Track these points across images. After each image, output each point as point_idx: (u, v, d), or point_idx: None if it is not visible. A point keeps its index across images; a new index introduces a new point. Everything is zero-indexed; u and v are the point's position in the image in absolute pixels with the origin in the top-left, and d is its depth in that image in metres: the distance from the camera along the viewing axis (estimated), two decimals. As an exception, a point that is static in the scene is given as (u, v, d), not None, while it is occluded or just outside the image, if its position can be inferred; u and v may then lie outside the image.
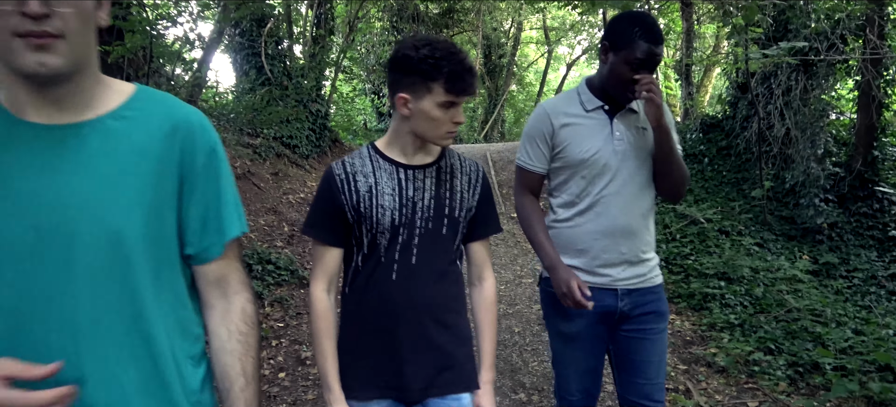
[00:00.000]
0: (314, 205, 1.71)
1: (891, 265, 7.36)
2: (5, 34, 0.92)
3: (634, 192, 2.09)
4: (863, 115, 7.64)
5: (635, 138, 2.09)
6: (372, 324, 1.69)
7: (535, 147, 2.16)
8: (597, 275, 2.10)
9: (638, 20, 2.02)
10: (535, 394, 3.93)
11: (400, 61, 1.61)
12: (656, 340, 2.16)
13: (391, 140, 1.72)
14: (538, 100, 25.79)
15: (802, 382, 4.34)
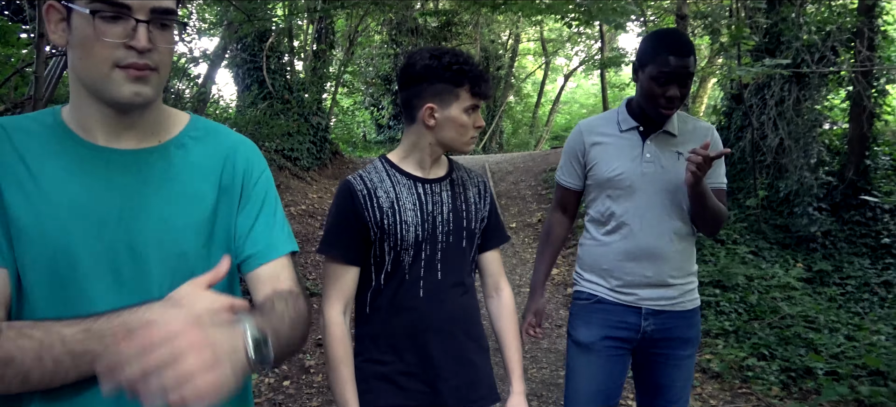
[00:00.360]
0: (333, 222, 1.63)
1: (883, 272, 7.48)
2: (107, 65, 0.98)
3: (661, 215, 2.05)
4: (854, 125, 7.78)
5: (668, 161, 2.05)
6: (402, 344, 1.64)
7: (568, 164, 2.20)
8: (621, 293, 2.09)
9: (663, 34, 2.04)
10: (534, 400, 4.04)
11: (422, 71, 1.59)
12: (681, 364, 2.13)
13: (407, 153, 1.69)
14: (536, 111, 25.97)
15: (795, 387, 4.45)
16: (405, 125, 1.70)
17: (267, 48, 9.09)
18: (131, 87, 1.00)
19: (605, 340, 2.09)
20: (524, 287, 6.09)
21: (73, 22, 0.98)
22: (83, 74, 1.01)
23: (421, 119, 1.61)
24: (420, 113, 1.61)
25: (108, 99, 1.01)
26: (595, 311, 2.12)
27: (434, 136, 1.63)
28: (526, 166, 11.39)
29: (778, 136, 7.82)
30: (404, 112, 1.67)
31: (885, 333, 5.93)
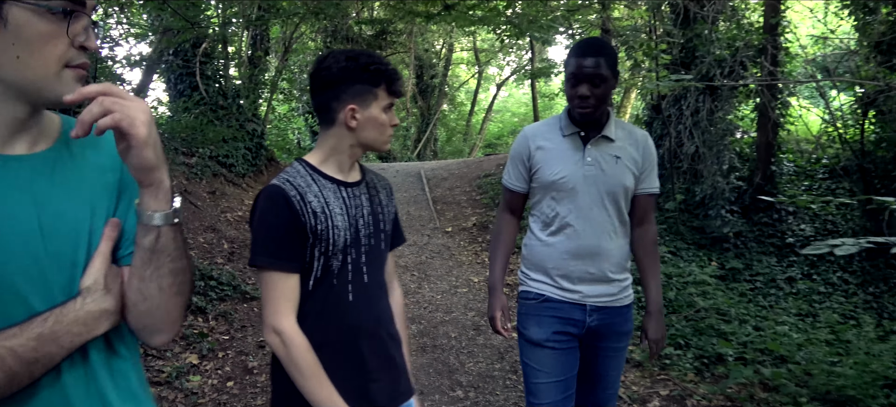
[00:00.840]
0: (271, 230, 1.54)
1: (788, 269, 8.13)
2: (58, 64, 0.94)
3: (602, 215, 2.17)
4: (761, 134, 8.44)
5: (607, 164, 2.16)
6: (334, 348, 1.60)
7: (515, 167, 2.30)
8: (567, 291, 2.20)
9: (577, 42, 2.22)
10: (471, 391, 4.27)
11: (341, 74, 1.59)
12: (616, 356, 2.28)
13: (327, 156, 1.66)
14: (469, 119, 26.43)
15: (708, 372, 4.86)
16: (322, 129, 1.67)
17: (201, 54, 9.02)
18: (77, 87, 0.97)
19: (555, 335, 2.19)
20: (461, 288, 6.33)
21: (12, 17, 0.90)
22: (20, 74, 0.93)
23: (342, 121, 1.61)
24: (341, 115, 1.60)
25: (51, 99, 0.97)
26: (544, 309, 2.22)
27: (355, 137, 1.63)
28: (460, 173, 11.68)
29: (693, 144, 8.38)
30: (321, 116, 1.65)
31: (788, 323, 6.50)
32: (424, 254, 7.39)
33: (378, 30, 16.17)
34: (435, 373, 4.51)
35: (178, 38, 5.33)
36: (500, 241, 2.37)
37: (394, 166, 13.20)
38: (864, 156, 8.55)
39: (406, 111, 21.60)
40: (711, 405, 4.32)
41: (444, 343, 5.03)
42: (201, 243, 6.78)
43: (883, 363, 5.09)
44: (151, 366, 4.22)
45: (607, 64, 2.09)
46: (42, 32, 0.92)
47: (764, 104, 7.98)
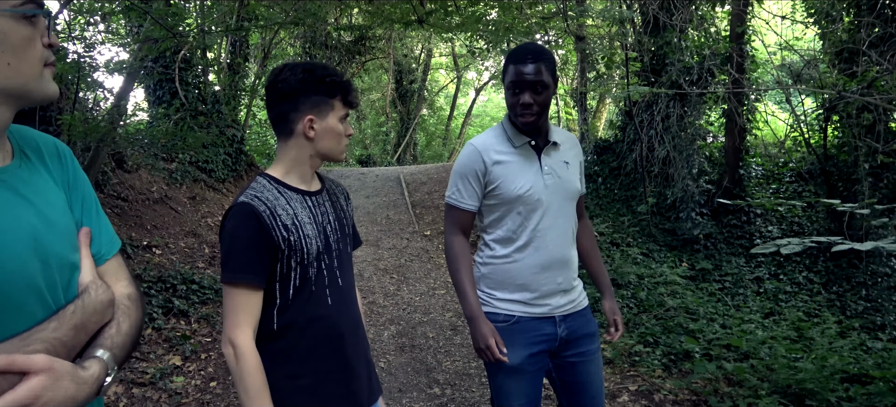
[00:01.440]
0: (241, 247, 1.57)
1: (755, 270, 8.41)
2: (40, 64, 1.00)
3: (564, 224, 2.15)
4: (729, 139, 8.72)
5: (561, 171, 2.16)
6: (318, 352, 1.65)
7: (467, 185, 2.14)
8: (537, 306, 2.14)
9: (513, 49, 2.13)
10: (448, 388, 4.42)
11: (298, 86, 1.63)
12: (594, 359, 2.22)
13: (289, 168, 1.70)
14: (448, 124, 26.61)
15: (675, 368, 5.06)
16: (280, 141, 1.70)
17: (180, 60, 9.08)
18: (55, 85, 1.04)
19: (528, 358, 2.13)
20: (439, 290, 6.49)
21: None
22: (8, 79, 0.97)
23: (301, 132, 1.65)
24: (299, 125, 1.64)
25: (39, 98, 1.03)
26: (515, 332, 2.12)
27: (314, 148, 1.68)
28: (439, 177, 11.84)
29: (664, 149, 8.63)
30: (278, 127, 1.68)
31: (754, 321, 6.75)
32: (404, 257, 7.54)
33: (357, 36, 16.28)
34: (413, 372, 4.65)
35: (160, 46, 5.42)
36: (462, 264, 2.16)
37: (374, 171, 13.33)
38: (827, 160, 8.87)
39: (386, 116, 21.72)
40: (678, 399, 4.51)
41: (422, 343, 5.18)
42: (182, 248, 6.86)
43: (842, 358, 5.35)
44: (135, 367, 4.31)
45: (548, 69, 2.04)
46: (24, 37, 0.97)
47: (731, 110, 8.26)
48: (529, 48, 2.08)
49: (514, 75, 2.04)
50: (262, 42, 12.33)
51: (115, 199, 7.03)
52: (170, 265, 6.12)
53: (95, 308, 1.07)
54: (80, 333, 1.03)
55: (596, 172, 10.33)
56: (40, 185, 1.07)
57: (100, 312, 1.08)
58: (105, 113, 5.98)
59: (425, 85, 23.65)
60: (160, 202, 7.84)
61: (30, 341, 0.95)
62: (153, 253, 6.29)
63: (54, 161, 1.13)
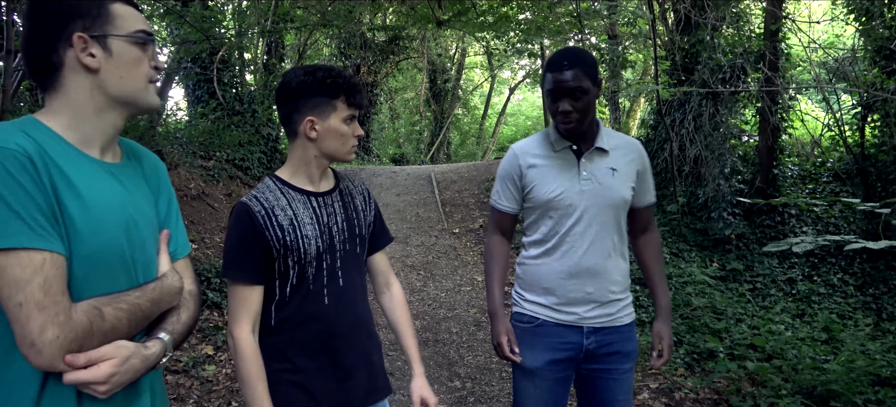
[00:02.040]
0: (234, 246, 1.66)
1: (788, 271, 8.28)
2: (145, 80, 1.30)
3: (601, 232, 2.07)
4: (763, 138, 8.59)
5: (604, 178, 2.07)
6: (311, 351, 1.71)
7: (505, 187, 2.20)
8: (563, 313, 2.10)
9: (551, 57, 2.09)
10: (469, 382, 4.51)
11: (299, 87, 1.69)
12: (621, 379, 2.15)
13: (296, 169, 1.76)
14: (482, 122, 26.64)
15: (698, 368, 5.06)
16: (289, 142, 1.77)
17: (218, 61, 9.36)
18: (158, 97, 1.36)
19: (549, 364, 2.11)
20: (465, 286, 6.58)
21: (114, 47, 1.24)
22: (120, 89, 1.26)
23: (303, 133, 1.71)
24: (301, 127, 1.70)
25: (144, 108, 1.33)
26: (537, 334, 2.12)
27: (318, 148, 1.72)
28: (469, 176, 11.92)
29: (696, 148, 8.55)
30: (286, 128, 1.76)
31: (785, 322, 6.67)
32: (431, 254, 7.65)
33: (391, 35, 16.47)
34: (435, 365, 4.76)
35: (196, 48, 5.64)
36: (495, 264, 2.25)
37: (405, 169, 13.47)
38: (865, 160, 8.67)
39: (419, 115, 21.89)
40: (698, 398, 4.52)
41: (446, 337, 5.28)
42: (217, 243, 7.10)
43: (873, 361, 5.27)
44: (171, 356, 4.51)
45: (586, 74, 1.99)
46: (134, 57, 1.28)
47: (764, 109, 8.14)
48: (566, 54, 2.03)
49: (551, 83, 2.02)
50: (297, 43, 12.59)
51: (154, 195, 7.30)
52: (205, 259, 6.35)
53: (170, 290, 1.33)
54: (154, 307, 1.29)
55: (627, 172, 10.24)
56: (138, 183, 1.35)
57: (172, 293, 1.33)
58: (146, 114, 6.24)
59: (459, 84, 23.75)
60: (198, 199, 8.11)
61: (119, 301, 1.20)
62: (191, 246, 6.53)
63: (151, 170, 1.42)
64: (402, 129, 22.74)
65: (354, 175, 10.97)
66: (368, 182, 11.44)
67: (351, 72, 2.00)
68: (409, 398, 4.16)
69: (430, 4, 10.48)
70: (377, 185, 11.23)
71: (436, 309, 5.94)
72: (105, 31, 1.24)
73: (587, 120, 2.05)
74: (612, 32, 10.98)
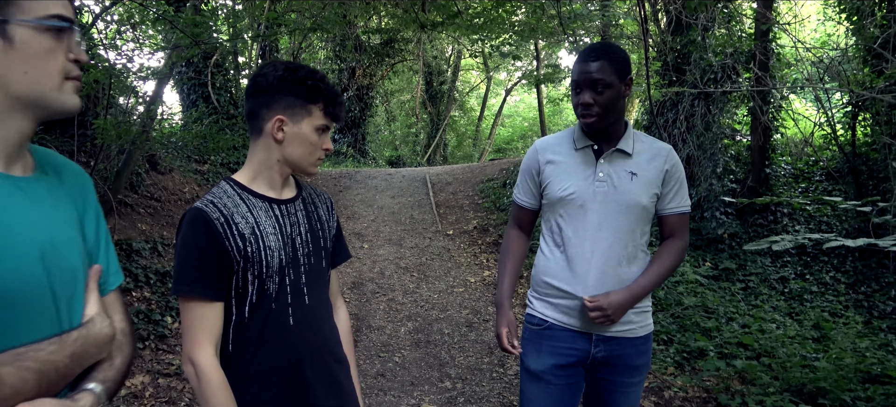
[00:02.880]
0: (189, 258, 1.46)
1: (780, 270, 8.32)
2: (60, 77, 1.03)
3: (613, 237, 1.98)
4: (755, 138, 8.64)
5: (621, 181, 1.99)
6: (278, 377, 1.53)
7: (524, 182, 2.17)
8: (571, 317, 2.03)
9: (584, 48, 2.06)
10: (459, 382, 4.54)
11: (276, 82, 1.51)
12: (628, 392, 2.08)
13: (256, 173, 1.58)
14: (479, 124, 26.70)
15: (688, 366, 5.09)
16: (252, 140, 1.59)
17: (212, 65, 9.39)
18: (77, 98, 1.07)
19: (555, 368, 2.05)
20: (458, 288, 6.61)
21: (17, 35, 0.98)
22: (25, 88, 1.00)
23: (269, 132, 1.53)
24: (268, 125, 1.52)
25: (57, 110, 1.05)
26: (545, 337, 2.07)
27: (281, 153, 1.55)
28: (465, 177, 11.95)
29: (689, 148, 8.59)
30: (250, 124, 1.58)
31: (776, 320, 6.70)
32: (425, 255, 7.68)
33: (386, 38, 16.50)
34: (426, 366, 4.79)
35: (187, 54, 5.67)
36: (508, 257, 2.21)
37: (401, 171, 13.51)
38: (856, 158, 8.72)
39: (416, 117, 21.93)
40: (688, 396, 4.55)
41: (437, 339, 5.31)
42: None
43: (863, 358, 5.31)
44: (162, 359, 4.54)
45: (613, 68, 1.92)
46: (45, 48, 1.01)
47: (755, 109, 8.18)
48: (596, 46, 1.98)
49: (576, 73, 1.97)
50: (291, 46, 12.62)
51: (148, 199, 7.33)
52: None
53: (96, 341, 1.08)
54: (75, 363, 1.04)
55: (620, 172, 10.30)
56: (56, 200, 1.10)
57: (99, 345, 1.08)
58: (138, 117, 6.28)
59: (455, 86, 23.79)
60: (192, 202, 8.14)
61: (25, 359, 0.95)
62: (183, 251, 6.55)
63: (74, 185, 1.17)
64: (398, 132, 22.78)
65: (350, 178, 10.98)
66: (364, 184, 11.47)
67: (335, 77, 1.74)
68: (399, 399, 4.20)
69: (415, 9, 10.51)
70: (372, 187, 11.26)
71: (428, 310, 5.97)
72: (5, 15, 0.98)
73: (610, 117, 1.97)
74: (604, 34, 11.01)
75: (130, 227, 6.43)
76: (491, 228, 8.66)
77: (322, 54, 16.07)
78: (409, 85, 23.05)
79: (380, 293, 6.40)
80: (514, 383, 4.53)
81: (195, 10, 6.23)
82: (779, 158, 9.74)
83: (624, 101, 2.01)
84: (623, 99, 1.99)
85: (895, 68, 6.16)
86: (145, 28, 6.58)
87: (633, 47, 11.11)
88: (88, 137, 6.45)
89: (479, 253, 7.79)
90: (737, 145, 9.85)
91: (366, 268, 7.17)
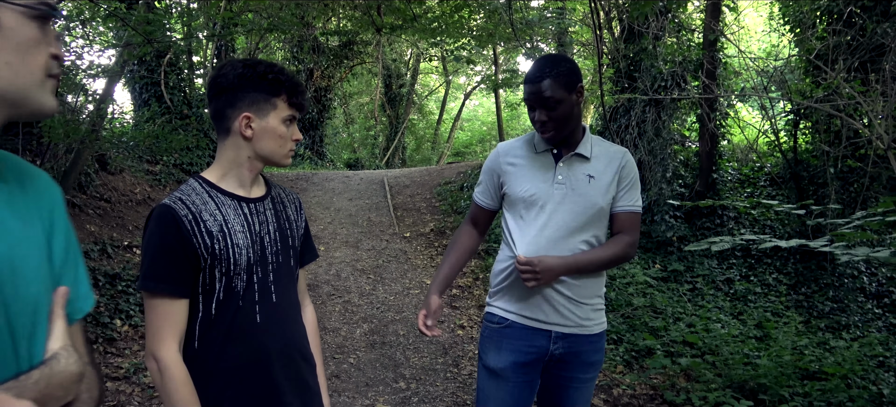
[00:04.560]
0: (155, 254, 1.45)
1: (726, 271, 8.61)
2: (42, 73, 0.89)
3: (570, 238, 2.04)
4: (703, 144, 8.93)
5: (579, 184, 2.06)
6: (244, 374, 1.53)
7: (485, 183, 2.24)
8: (528, 317, 2.10)
9: (532, 65, 2.09)
10: (413, 383, 4.58)
11: (236, 80, 1.52)
12: (582, 388, 2.14)
13: (226, 171, 1.58)
14: (437, 128, 26.80)
15: (636, 364, 5.25)
16: (219, 140, 1.59)
17: (165, 64, 9.23)
18: (55, 100, 0.93)
19: (514, 366, 2.10)
20: (414, 289, 6.65)
21: (3, 19, 0.84)
22: (6, 82, 0.86)
23: (237, 130, 1.54)
24: (236, 123, 1.53)
25: (35, 110, 0.91)
26: (505, 336, 2.12)
27: (252, 149, 1.56)
28: (422, 180, 12.00)
29: (640, 153, 8.83)
30: (217, 124, 1.58)
31: (721, 320, 6.95)
32: (382, 258, 7.70)
33: (344, 40, 16.44)
34: (381, 367, 4.82)
35: (139, 52, 5.57)
36: (454, 248, 2.29)
37: (359, 174, 13.47)
38: (797, 164, 9.09)
39: (374, 120, 21.89)
40: (636, 394, 4.69)
41: (393, 340, 5.34)
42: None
43: (802, 356, 5.56)
44: (110, 363, 4.46)
45: (560, 83, 1.99)
46: (30, 38, 0.87)
47: (703, 116, 8.46)
48: (541, 64, 2.03)
49: (527, 94, 2.04)
50: (248, 47, 12.48)
51: (97, 200, 7.17)
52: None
53: (62, 381, 0.88)
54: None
55: (575, 176, 10.52)
56: (18, 212, 0.91)
57: (66, 386, 0.89)
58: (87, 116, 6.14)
59: (415, 89, 23.84)
60: (143, 203, 7.98)
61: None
62: (133, 253, 6.43)
63: (41, 196, 0.98)
64: (356, 134, 22.70)
65: (307, 180, 10.89)
66: (321, 186, 11.41)
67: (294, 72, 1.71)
68: (353, 400, 4.22)
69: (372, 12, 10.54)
70: (330, 189, 11.21)
71: (384, 312, 6.00)
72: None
73: (567, 128, 2.04)
74: (559, 40, 11.23)
75: (78, 228, 6.28)
76: (448, 230, 8.73)
77: (279, 55, 15.91)
78: (368, 87, 22.99)
79: (336, 295, 6.39)
80: (468, 383, 4.60)
81: (148, 7, 6.14)
82: (726, 164, 10.08)
83: (578, 109, 2.08)
84: (577, 108, 2.06)
85: (833, 79, 6.47)
86: (96, 25, 6.44)
87: (587, 54, 11.35)
88: (34, 135, 6.28)
89: (435, 255, 7.84)
90: (686, 151, 10.17)
91: (322, 270, 7.15)
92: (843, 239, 3.06)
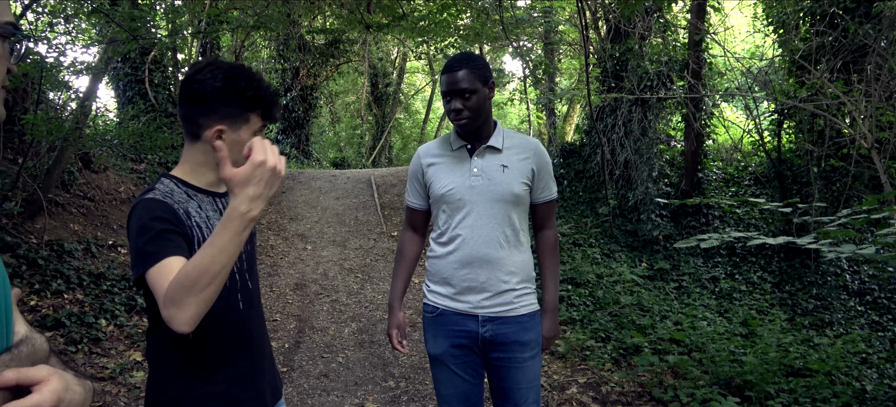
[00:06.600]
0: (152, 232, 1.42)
1: (712, 269, 8.69)
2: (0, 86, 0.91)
3: (490, 223, 2.19)
4: (688, 143, 9.00)
5: (494, 174, 2.20)
6: (229, 358, 1.62)
7: (412, 185, 2.37)
8: (459, 301, 2.23)
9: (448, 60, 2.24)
10: (402, 381, 4.57)
11: (215, 93, 1.52)
12: (523, 367, 2.24)
13: (193, 169, 1.62)
14: (424, 127, 26.77)
15: (624, 362, 5.27)
16: (187, 141, 1.61)
17: (150, 61, 9.13)
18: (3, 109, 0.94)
19: (451, 349, 2.24)
20: (401, 288, 6.64)
21: None
22: None
23: (208, 139, 1.55)
24: (208, 132, 1.54)
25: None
26: (439, 323, 2.26)
27: None
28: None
29: (626, 153, 8.88)
30: (186, 126, 1.58)
31: (707, 318, 7.01)
32: (369, 257, 7.67)
33: (331, 39, 16.37)
34: (370, 366, 4.80)
35: (124, 49, 5.51)
36: (401, 261, 2.41)
37: (346, 173, 13.42)
38: (781, 163, 9.18)
39: (361, 119, 21.82)
40: (624, 391, 4.72)
41: (381, 339, 5.33)
42: (148, 248, 6.93)
43: (787, 353, 5.61)
44: (95, 363, 4.40)
45: (475, 75, 2.13)
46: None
47: (688, 115, 8.53)
48: (458, 58, 2.18)
49: (444, 85, 2.17)
50: (234, 44, 12.38)
51: (81, 198, 7.07)
52: (135, 264, 6.19)
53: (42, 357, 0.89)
54: None
55: (562, 175, 10.58)
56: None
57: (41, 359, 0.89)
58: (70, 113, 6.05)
59: (401, 88, 23.78)
60: (127, 202, 7.88)
61: None
62: (118, 252, 6.36)
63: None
64: (343, 133, 22.61)
65: (293, 179, 10.82)
66: (307, 186, 11.35)
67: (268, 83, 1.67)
68: (342, 399, 4.20)
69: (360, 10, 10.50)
70: (316, 188, 11.15)
71: (372, 311, 5.98)
72: None
73: (480, 118, 2.18)
74: (546, 40, 11.26)
75: (62, 227, 6.19)
76: (435, 229, 8.72)
77: (265, 53, 15.81)
78: (354, 86, 22.90)
79: (323, 294, 6.36)
80: (457, 381, 4.59)
81: (133, 3, 6.06)
82: (711, 163, 10.17)
83: (490, 104, 2.24)
84: (488, 101, 2.22)
85: (817, 79, 6.54)
86: (79, 21, 6.35)
87: (574, 54, 11.39)
88: (16, 133, 6.18)
89: (422, 254, 7.84)
90: (671, 151, 10.24)
91: (309, 269, 7.12)
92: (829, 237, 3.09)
